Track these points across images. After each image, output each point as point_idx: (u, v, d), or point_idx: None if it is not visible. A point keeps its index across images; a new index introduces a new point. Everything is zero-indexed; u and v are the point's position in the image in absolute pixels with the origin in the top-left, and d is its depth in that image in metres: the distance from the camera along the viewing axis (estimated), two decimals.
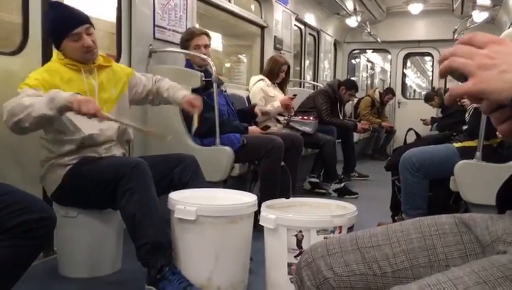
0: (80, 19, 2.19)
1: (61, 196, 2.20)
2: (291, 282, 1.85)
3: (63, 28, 2.17)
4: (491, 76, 0.61)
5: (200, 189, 2.30)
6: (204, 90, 3.11)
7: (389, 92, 7.89)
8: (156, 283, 2.00)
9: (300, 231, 1.85)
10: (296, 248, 1.86)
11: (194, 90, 3.09)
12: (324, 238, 1.74)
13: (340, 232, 1.84)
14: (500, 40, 0.64)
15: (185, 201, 2.05)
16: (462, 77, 0.65)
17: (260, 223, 1.96)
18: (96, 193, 2.10)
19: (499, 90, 0.61)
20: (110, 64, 2.39)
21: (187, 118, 3.16)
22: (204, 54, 3.16)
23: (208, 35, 3.29)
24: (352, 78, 8.21)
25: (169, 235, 2.07)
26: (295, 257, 1.84)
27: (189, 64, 3.27)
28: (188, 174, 2.32)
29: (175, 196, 2.12)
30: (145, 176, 2.06)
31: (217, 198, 2.25)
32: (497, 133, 0.69)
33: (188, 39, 3.24)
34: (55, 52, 2.25)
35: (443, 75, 0.67)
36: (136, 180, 2.03)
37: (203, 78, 3.07)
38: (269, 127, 3.71)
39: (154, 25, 3.32)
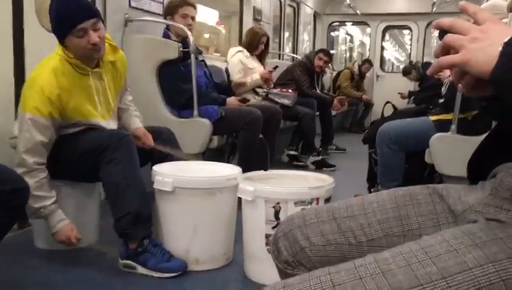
0: (87, 13, 2.00)
1: None
2: (269, 253, 1.88)
3: (67, 22, 1.98)
4: (477, 48, 0.64)
5: (192, 162, 2.35)
6: (182, 61, 3.07)
7: (366, 62, 7.93)
8: (135, 257, 2.01)
9: (278, 203, 1.87)
10: (274, 219, 1.88)
11: (171, 61, 3.05)
12: (302, 209, 1.76)
13: (317, 204, 1.87)
14: (498, 21, 0.66)
15: (165, 173, 2.05)
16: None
17: (238, 195, 1.97)
18: (78, 163, 2.07)
19: (481, 62, 0.63)
20: (116, 58, 2.24)
21: (165, 89, 3.12)
22: (189, 25, 3.11)
23: (195, 8, 3.24)
24: (331, 51, 8.19)
25: (151, 208, 2.07)
26: (273, 228, 1.86)
27: (167, 34, 3.21)
28: (167, 147, 2.33)
29: (162, 168, 2.12)
30: (130, 148, 2.05)
31: (205, 171, 2.25)
32: (458, 87, 0.71)
33: (177, 6, 3.18)
34: (59, 46, 2.06)
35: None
36: (121, 151, 2.01)
37: (181, 49, 3.02)
38: (248, 100, 3.67)
39: None
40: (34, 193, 1.93)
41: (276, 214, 1.88)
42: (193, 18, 3.20)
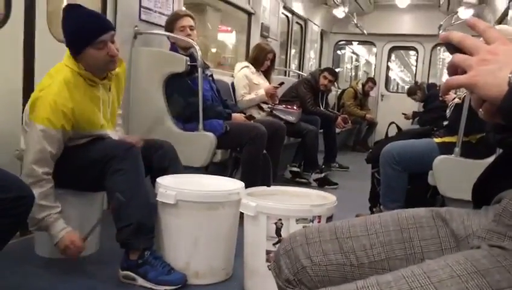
0: (106, 25, 2.06)
1: None
2: (269, 269, 1.87)
3: (89, 34, 2.02)
4: (486, 71, 0.63)
5: (195, 175, 2.35)
6: (188, 74, 3.09)
7: (369, 80, 7.96)
8: (135, 268, 2.01)
9: (280, 219, 1.86)
10: (275, 235, 1.87)
11: (178, 74, 3.08)
12: (303, 227, 1.75)
13: (319, 222, 1.86)
14: (507, 42, 0.66)
15: (168, 185, 2.06)
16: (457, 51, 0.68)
17: (240, 210, 1.98)
18: (84, 172, 2.08)
19: (490, 85, 0.62)
20: (120, 70, 2.27)
21: (171, 102, 3.14)
22: (189, 35, 3.14)
23: (192, 17, 3.26)
24: (337, 69, 8.23)
25: (154, 220, 2.07)
26: (274, 244, 1.86)
27: (175, 48, 3.24)
28: (167, 160, 2.33)
29: (165, 180, 2.12)
30: (137, 159, 2.07)
31: (208, 185, 2.25)
32: (479, 112, 0.70)
33: (173, 21, 3.21)
34: (69, 59, 2.08)
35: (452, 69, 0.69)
36: (128, 162, 2.02)
37: (188, 63, 3.05)
38: (254, 118, 3.67)
39: (140, 6, 3.27)
40: (39, 203, 1.94)
41: (278, 231, 1.88)
42: (191, 28, 3.20)
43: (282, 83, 4.29)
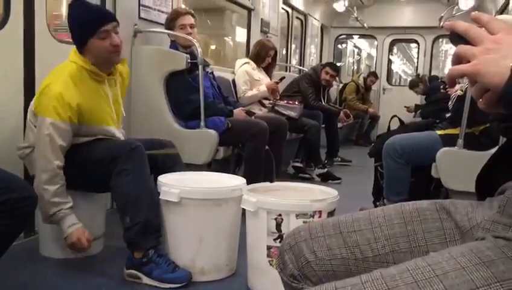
0: (108, 16, 2.13)
1: None
2: (270, 265, 1.87)
3: (92, 25, 2.07)
4: (489, 59, 0.63)
5: (199, 172, 2.38)
6: (189, 72, 3.09)
7: (371, 74, 7.93)
8: (140, 267, 2.01)
9: (280, 215, 1.86)
10: (276, 231, 1.87)
11: (178, 72, 3.07)
12: (303, 222, 1.76)
13: (319, 217, 1.86)
14: (511, 32, 0.65)
15: (171, 183, 2.06)
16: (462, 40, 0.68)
17: (241, 205, 1.98)
18: (89, 172, 2.09)
19: (492, 73, 0.62)
20: (123, 68, 2.34)
21: (172, 99, 3.13)
22: (189, 34, 3.14)
23: (193, 15, 3.25)
24: (338, 64, 8.22)
25: (160, 218, 2.08)
26: (274, 240, 1.86)
27: (175, 45, 3.23)
28: (170, 159, 2.34)
29: (168, 178, 2.13)
30: (142, 158, 2.08)
31: (211, 182, 2.26)
32: (478, 102, 0.69)
33: (173, 19, 3.21)
34: (75, 55, 2.13)
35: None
36: (132, 162, 2.03)
37: (189, 60, 3.04)
38: (254, 113, 3.66)
39: (140, 4, 3.26)
40: (52, 200, 1.99)
41: (278, 226, 1.87)
42: (192, 26, 3.20)
43: (283, 78, 4.28)
